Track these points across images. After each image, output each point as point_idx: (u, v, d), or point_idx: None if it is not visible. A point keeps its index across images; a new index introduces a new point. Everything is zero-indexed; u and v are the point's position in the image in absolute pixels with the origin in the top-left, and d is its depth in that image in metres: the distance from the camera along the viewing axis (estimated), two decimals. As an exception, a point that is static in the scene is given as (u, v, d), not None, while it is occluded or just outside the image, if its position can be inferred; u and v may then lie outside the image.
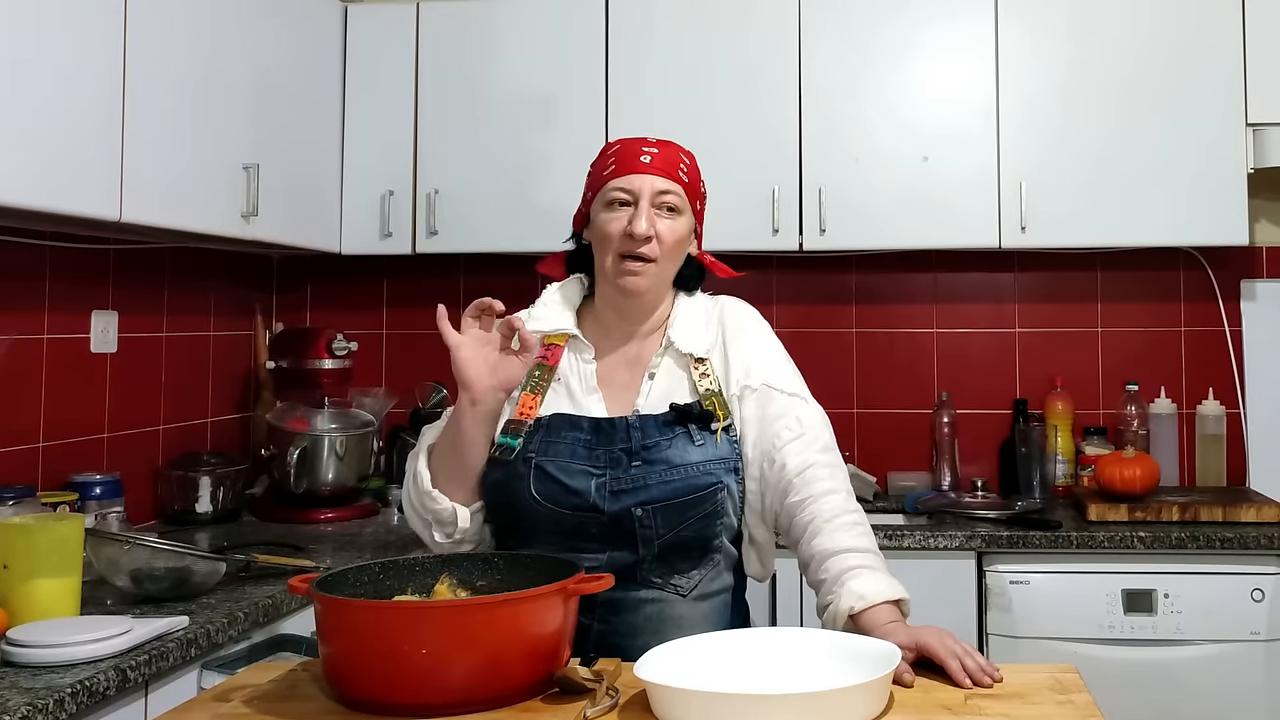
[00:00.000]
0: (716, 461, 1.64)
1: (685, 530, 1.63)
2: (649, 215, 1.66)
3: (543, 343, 1.74)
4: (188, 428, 3.07)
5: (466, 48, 3.22)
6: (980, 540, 2.76)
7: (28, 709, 1.51)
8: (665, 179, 1.68)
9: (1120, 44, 3.04)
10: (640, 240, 1.66)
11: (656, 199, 1.67)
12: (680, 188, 1.70)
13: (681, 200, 1.70)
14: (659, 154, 1.70)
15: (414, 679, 1.26)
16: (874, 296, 3.44)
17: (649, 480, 1.62)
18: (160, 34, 2.38)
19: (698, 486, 1.62)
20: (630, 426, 1.65)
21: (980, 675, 1.38)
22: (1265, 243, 3.32)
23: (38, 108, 2.04)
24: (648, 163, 1.69)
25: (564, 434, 1.65)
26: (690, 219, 1.73)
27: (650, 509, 1.61)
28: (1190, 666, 2.66)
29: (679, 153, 1.74)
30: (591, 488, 1.62)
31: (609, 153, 1.74)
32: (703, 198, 1.78)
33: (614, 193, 1.69)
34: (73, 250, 2.62)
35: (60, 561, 1.83)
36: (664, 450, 1.63)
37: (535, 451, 1.65)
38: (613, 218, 1.68)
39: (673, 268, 1.73)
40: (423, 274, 3.54)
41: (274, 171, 2.80)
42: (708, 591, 1.67)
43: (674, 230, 1.69)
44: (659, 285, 1.72)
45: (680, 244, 1.71)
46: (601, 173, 1.72)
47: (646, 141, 1.73)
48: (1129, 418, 3.24)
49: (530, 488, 1.63)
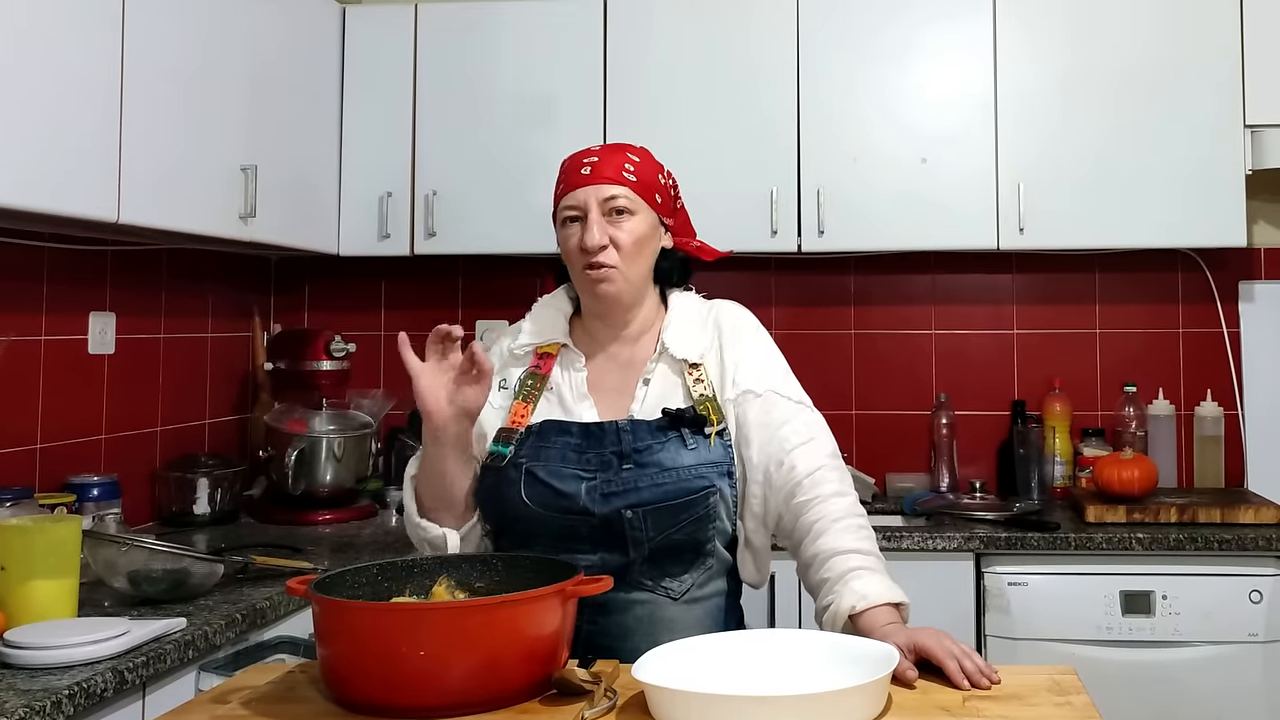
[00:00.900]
0: (709, 465, 1.64)
1: (676, 533, 1.63)
2: (600, 225, 1.67)
3: (535, 353, 1.75)
4: (185, 429, 3.07)
5: (465, 49, 3.22)
6: (978, 541, 2.76)
7: (25, 710, 1.50)
8: (609, 184, 1.69)
9: (1119, 46, 3.04)
10: (595, 251, 1.67)
11: (605, 206, 1.68)
12: (627, 189, 1.69)
13: (632, 200, 1.70)
14: (600, 160, 1.71)
15: (412, 681, 1.26)
16: (872, 298, 3.44)
17: (640, 483, 1.62)
18: (158, 35, 2.38)
19: (689, 490, 1.63)
20: (621, 430, 1.65)
21: (978, 677, 1.38)
22: (1263, 244, 3.32)
23: (35, 109, 2.03)
24: (588, 174, 1.70)
25: (554, 439, 1.66)
26: (649, 215, 1.72)
27: (640, 511, 1.61)
28: (1188, 668, 2.66)
29: (625, 152, 1.74)
30: (582, 491, 1.62)
31: (561, 171, 1.76)
32: (665, 189, 1.76)
33: (564, 211, 1.71)
34: (70, 251, 2.62)
35: (58, 563, 1.83)
36: (656, 453, 1.63)
37: (526, 457, 1.65)
38: (568, 234, 1.71)
39: (641, 266, 1.72)
40: (421, 276, 3.54)
41: (272, 173, 2.80)
42: (700, 595, 1.68)
43: (631, 232, 1.69)
44: (631, 287, 1.72)
45: (640, 243, 1.71)
46: (556, 191, 1.75)
47: (589, 152, 1.74)
48: (1127, 419, 3.24)
49: (521, 492, 1.63)
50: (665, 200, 1.76)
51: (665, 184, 1.77)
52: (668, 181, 1.78)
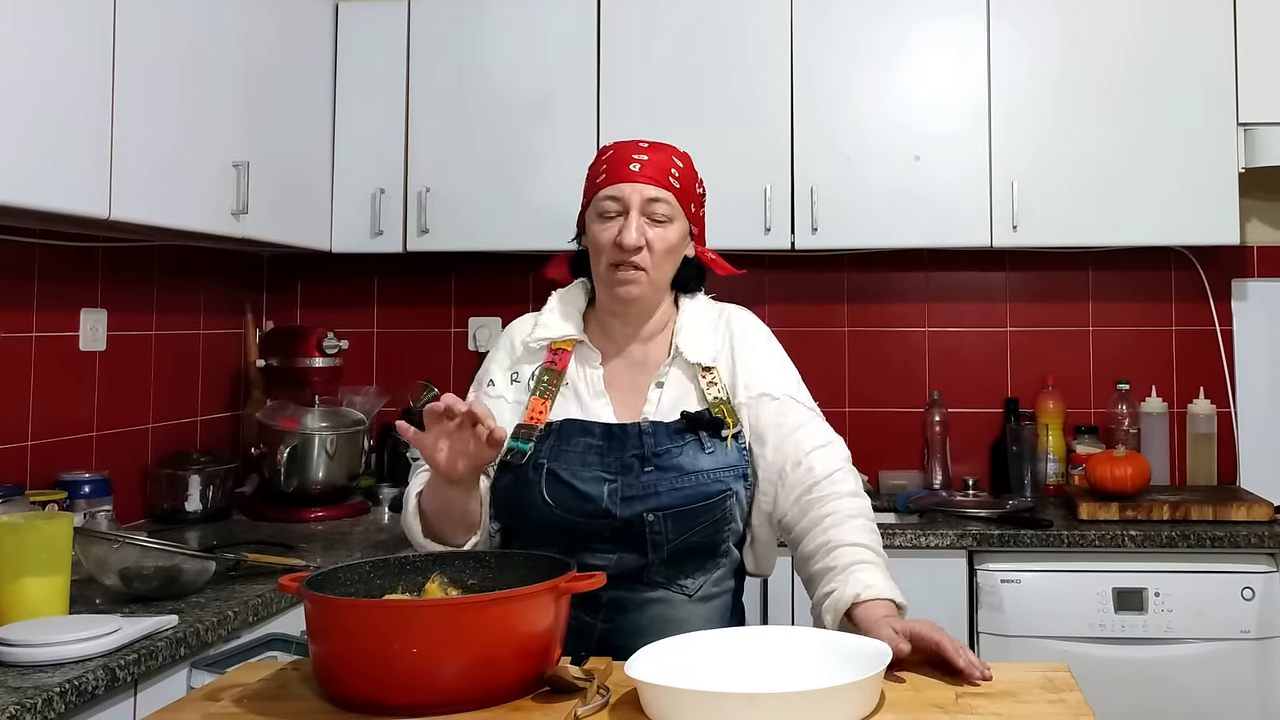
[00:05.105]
0: (726, 469, 1.66)
1: (695, 536, 1.65)
2: (639, 225, 1.66)
3: (550, 348, 1.75)
4: (177, 426, 3.06)
5: (458, 45, 3.22)
6: (971, 539, 2.76)
7: (16, 708, 1.50)
8: (655, 187, 1.68)
9: (1112, 44, 3.04)
10: (630, 250, 1.66)
11: (646, 207, 1.67)
12: (671, 195, 1.69)
13: (673, 208, 1.69)
14: (649, 160, 1.70)
15: (405, 678, 1.26)
16: (866, 295, 3.44)
17: (660, 487, 1.63)
18: (150, 30, 2.37)
19: (708, 494, 1.64)
20: (643, 433, 1.66)
21: (971, 669, 1.38)
22: (1256, 242, 3.32)
23: (26, 104, 2.02)
24: (637, 170, 1.68)
25: (576, 439, 1.66)
26: (683, 224, 1.72)
27: (662, 515, 1.62)
28: (1181, 665, 2.67)
29: (671, 156, 1.73)
30: (604, 493, 1.63)
31: (602, 158, 1.74)
32: (699, 199, 1.77)
33: (604, 201, 1.69)
34: (61, 248, 2.60)
35: (49, 560, 1.82)
36: (676, 457, 1.64)
37: (546, 457, 1.65)
38: (603, 227, 1.69)
39: (668, 272, 1.73)
40: (414, 272, 3.53)
41: (264, 169, 2.79)
42: (711, 593, 1.70)
43: (664, 239, 1.69)
44: (654, 291, 1.72)
45: (673, 250, 1.71)
46: (595, 179, 1.73)
47: (638, 147, 1.72)
48: (1120, 417, 3.25)
49: (542, 492, 1.63)
50: (697, 209, 1.77)
51: (699, 192, 1.78)
52: (700, 190, 1.78)
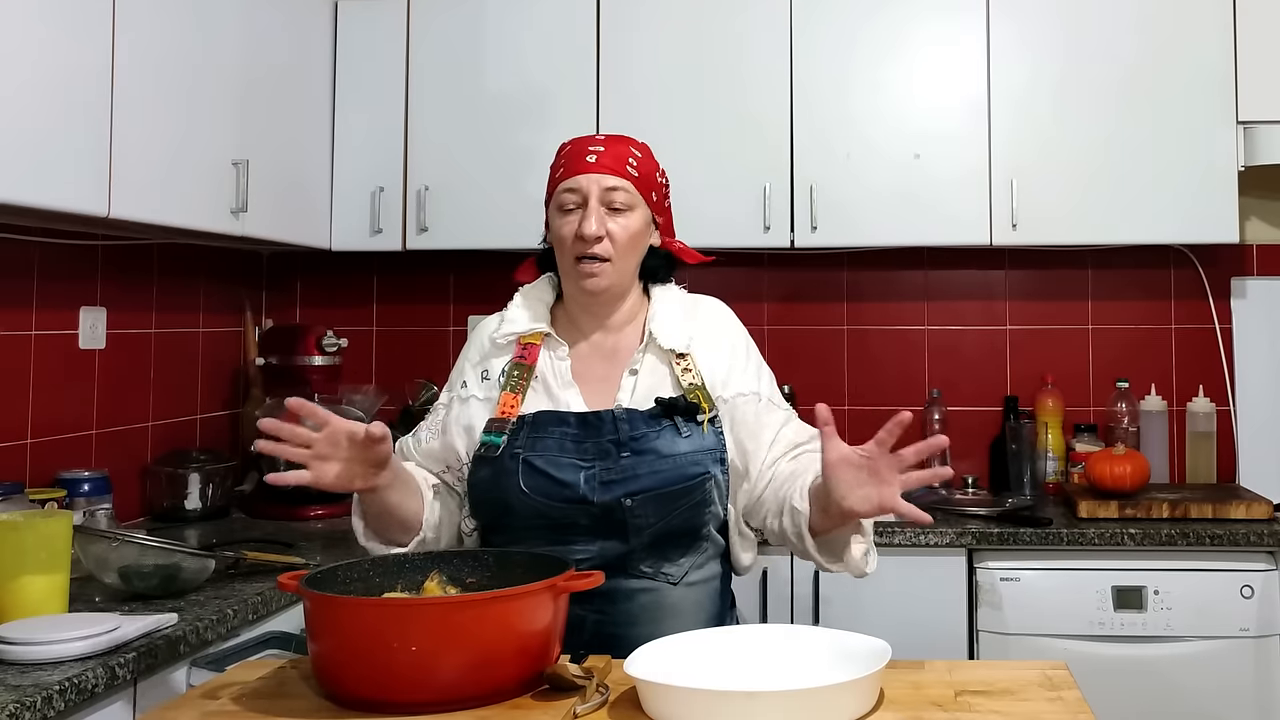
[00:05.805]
0: (704, 452, 1.67)
1: (675, 519, 1.65)
2: (599, 215, 1.67)
3: (519, 342, 1.76)
4: (177, 424, 3.06)
5: (457, 43, 3.21)
6: (971, 537, 2.76)
7: (15, 706, 1.50)
8: (612, 176, 1.69)
9: (1112, 41, 3.04)
10: (591, 241, 1.67)
11: (605, 197, 1.68)
12: (629, 183, 1.70)
13: (631, 196, 1.70)
14: (606, 150, 1.71)
15: (404, 676, 1.26)
16: (865, 294, 3.44)
17: (639, 470, 1.63)
18: (149, 29, 2.37)
19: (687, 476, 1.65)
20: (617, 419, 1.66)
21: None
22: (1255, 240, 3.32)
23: (25, 103, 2.02)
24: (594, 161, 1.70)
25: (551, 429, 1.67)
26: (644, 212, 1.73)
27: (640, 499, 1.63)
28: (1180, 663, 2.67)
29: (629, 146, 1.75)
30: (581, 479, 1.63)
31: (560, 154, 1.76)
32: (660, 188, 1.78)
33: (563, 194, 1.71)
34: (61, 246, 2.60)
35: (48, 558, 1.82)
36: (652, 441, 1.65)
37: (522, 447, 1.66)
38: (564, 221, 1.70)
39: (632, 261, 1.74)
40: (413, 271, 3.53)
41: (264, 167, 2.79)
42: (697, 579, 1.70)
43: (626, 228, 1.70)
44: (619, 281, 1.73)
45: (635, 239, 1.72)
46: (554, 174, 1.74)
47: (594, 139, 1.74)
48: (1119, 415, 3.25)
49: (520, 482, 1.64)
50: (659, 198, 1.78)
51: (661, 182, 1.79)
52: (663, 180, 1.80)
